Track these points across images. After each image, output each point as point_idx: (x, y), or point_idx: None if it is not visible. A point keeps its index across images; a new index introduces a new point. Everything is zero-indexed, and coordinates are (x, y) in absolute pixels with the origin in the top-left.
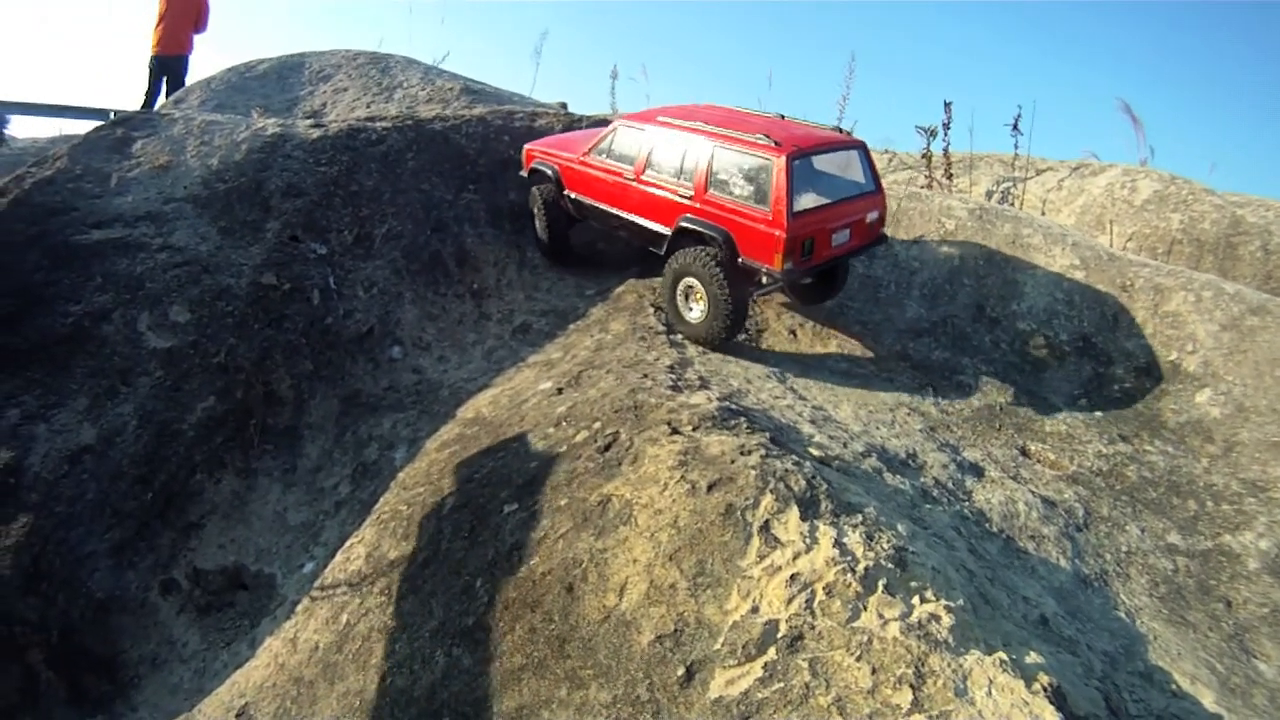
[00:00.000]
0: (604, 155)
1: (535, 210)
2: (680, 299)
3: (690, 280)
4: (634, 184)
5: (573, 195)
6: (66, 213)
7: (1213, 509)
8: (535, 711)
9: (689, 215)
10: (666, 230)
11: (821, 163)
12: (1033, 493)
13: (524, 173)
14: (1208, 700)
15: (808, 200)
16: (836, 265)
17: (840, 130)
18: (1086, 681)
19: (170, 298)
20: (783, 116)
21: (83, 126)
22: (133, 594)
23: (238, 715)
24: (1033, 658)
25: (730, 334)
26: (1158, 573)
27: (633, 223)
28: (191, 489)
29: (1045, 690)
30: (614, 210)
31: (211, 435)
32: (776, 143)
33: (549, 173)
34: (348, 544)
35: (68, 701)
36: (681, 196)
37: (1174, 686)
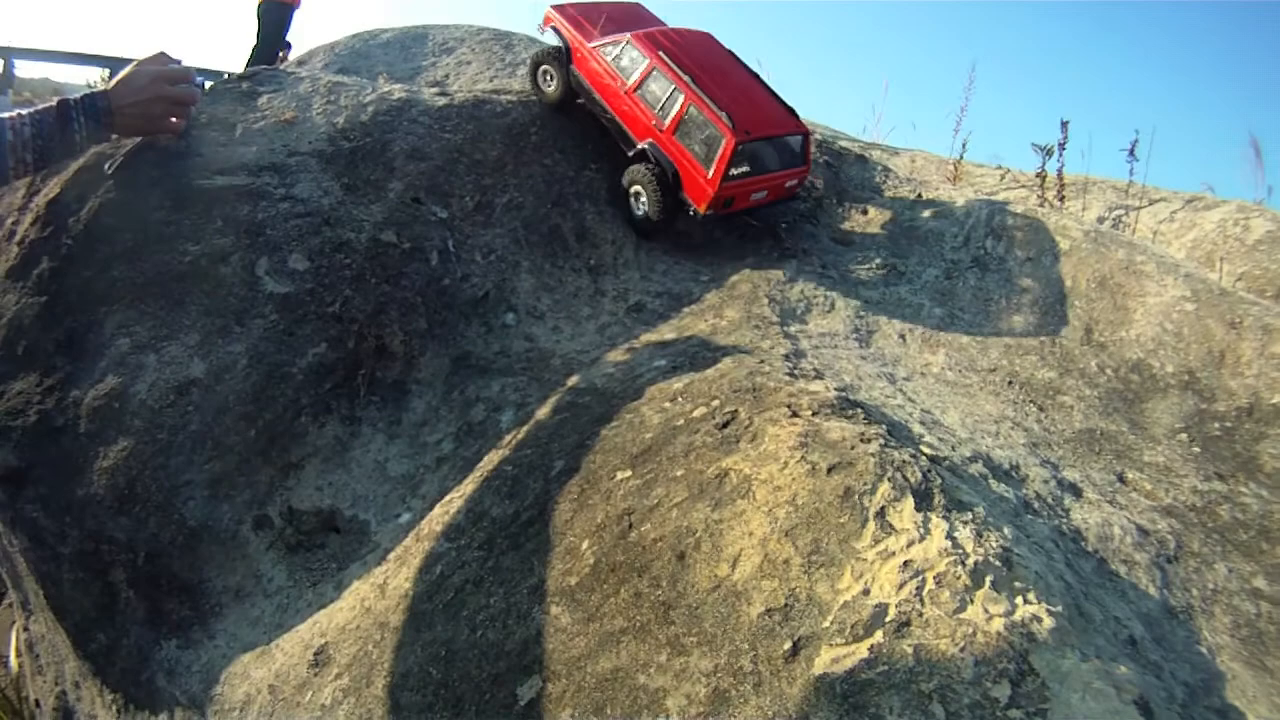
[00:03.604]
0: (609, 58)
1: (546, 66)
2: (632, 199)
3: (638, 188)
4: (624, 95)
5: (575, 71)
6: (190, 158)
7: None
8: (632, 674)
9: (654, 142)
10: (636, 144)
11: (766, 145)
12: (1128, 519)
13: (541, 29)
14: None
15: (740, 171)
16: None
17: (794, 115)
18: (1169, 706)
19: (290, 246)
20: (763, 83)
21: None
22: (225, 525)
23: (316, 653)
24: (1123, 670)
25: (662, 229)
26: (1240, 614)
27: (616, 124)
28: (295, 431)
29: (1135, 702)
30: (604, 104)
31: (320, 381)
32: (733, 125)
33: (560, 44)
34: (447, 498)
35: (145, 622)
36: (656, 126)
37: None
